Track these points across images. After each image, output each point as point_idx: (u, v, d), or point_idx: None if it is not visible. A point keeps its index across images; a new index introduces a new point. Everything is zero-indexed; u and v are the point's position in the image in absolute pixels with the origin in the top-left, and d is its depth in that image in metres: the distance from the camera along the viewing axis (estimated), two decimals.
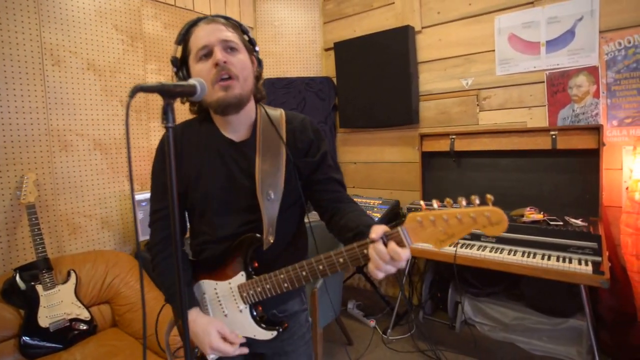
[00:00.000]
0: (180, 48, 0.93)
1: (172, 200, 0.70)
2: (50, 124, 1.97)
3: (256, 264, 0.95)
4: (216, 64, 0.85)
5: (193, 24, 0.91)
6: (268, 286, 0.90)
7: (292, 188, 0.96)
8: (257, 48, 0.99)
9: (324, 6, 3.13)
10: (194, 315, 0.94)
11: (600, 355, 1.85)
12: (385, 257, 0.72)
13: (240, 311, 0.94)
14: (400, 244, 0.72)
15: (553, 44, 2.17)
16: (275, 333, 0.94)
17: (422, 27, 2.63)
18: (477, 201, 0.68)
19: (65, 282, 1.79)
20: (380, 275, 0.74)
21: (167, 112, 0.68)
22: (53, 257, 1.85)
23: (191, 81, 0.74)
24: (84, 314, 1.79)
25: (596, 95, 2.08)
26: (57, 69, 1.99)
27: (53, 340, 1.67)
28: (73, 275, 1.83)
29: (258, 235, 0.92)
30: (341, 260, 0.79)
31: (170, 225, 1.01)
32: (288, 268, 0.87)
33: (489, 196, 0.67)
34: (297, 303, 1.07)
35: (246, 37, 0.97)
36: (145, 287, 1.98)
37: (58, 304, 1.72)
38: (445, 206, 0.70)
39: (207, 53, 0.87)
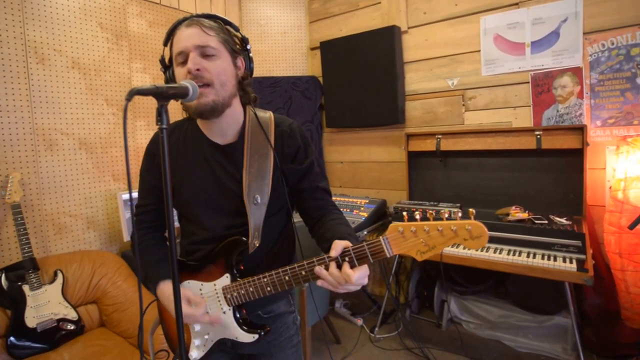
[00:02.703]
0: (167, 48, 0.93)
1: (167, 199, 0.72)
2: (35, 122, 1.95)
3: (242, 267, 0.95)
4: (188, 72, 0.85)
5: (176, 25, 0.90)
6: (251, 289, 0.90)
7: (280, 194, 0.97)
8: (248, 47, 0.97)
9: (310, 5, 3.12)
10: (164, 290, 0.96)
11: (584, 352, 1.87)
12: (340, 281, 0.77)
13: (224, 312, 0.95)
14: (381, 254, 0.75)
15: (538, 45, 2.19)
16: (256, 336, 0.94)
17: (409, 27, 2.63)
18: (460, 214, 0.70)
19: (52, 282, 1.79)
20: (338, 291, 0.79)
21: (161, 114, 0.70)
22: (39, 257, 1.84)
23: (184, 83, 0.75)
24: (72, 314, 1.79)
25: (580, 95, 2.10)
26: (41, 67, 1.97)
27: (40, 341, 1.67)
28: (60, 275, 1.82)
29: (244, 238, 0.92)
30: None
31: (151, 220, 1.05)
32: (272, 272, 0.87)
33: (471, 210, 0.70)
34: (284, 304, 1.07)
35: (238, 35, 0.96)
36: (134, 286, 1.99)
37: (45, 304, 1.72)
38: (427, 218, 0.73)
39: (184, 59, 0.87)
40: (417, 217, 0.73)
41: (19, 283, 1.69)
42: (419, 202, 2.36)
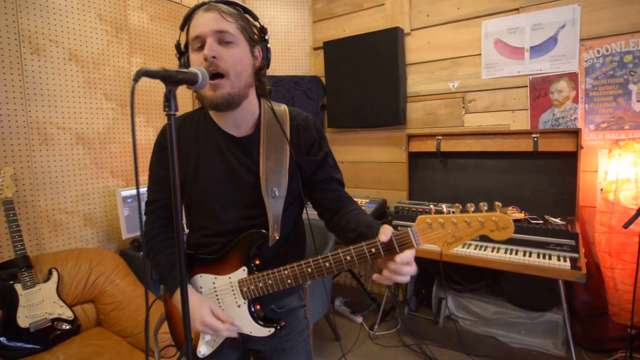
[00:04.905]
0: (183, 34, 0.90)
1: (175, 189, 0.69)
2: (29, 115, 1.88)
3: (257, 261, 0.94)
4: (205, 59, 0.82)
5: (194, 9, 0.87)
6: (270, 282, 0.88)
7: (295, 186, 0.96)
8: (266, 37, 0.95)
9: (314, 5, 3.12)
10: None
11: (574, 347, 1.95)
12: (400, 270, 0.75)
13: (239, 306, 0.93)
14: (409, 245, 0.75)
15: (536, 50, 2.26)
16: (272, 330, 0.92)
17: (412, 29, 2.67)
18: (486, 207, 0.72)
19: (46, 280, 1.73)
20: (402, 280, 0.76)
21: (169, 99, 0.67)
22: (33, 255, 1.78)
23: (193, 69, 0.73)
24: (67, 314, 1.74)
25: (575, 100, 2.18)
26: (36, 58, 1.90)
27: (33, 341, 1.61)
28: (55, 273, 1.76)
29: (264, 231, 0.91)
30: (348, 257, 0.80)
31: (166, 216, 1.02)
32: (293, 264, 0.86)
33: (497, 203, 0.72)
34: (296, 299, 1.07)
35: (257, 24, 0.94)
36: (132, 285, 1.94)
37: (39, 304, 1.66)
38: (453, 211, 0.75)
39: (200, 44, 0.84)
40: (444, 210, 0.76)
41: (11, 282, 1.63)
42: (418, 202, 2.40)
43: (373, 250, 0.77)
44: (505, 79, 2.37)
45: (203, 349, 0.96)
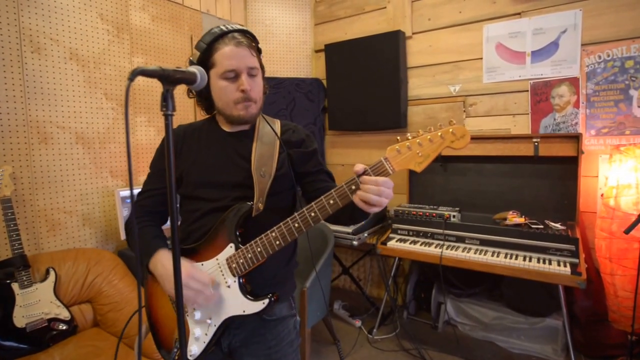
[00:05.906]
0: (198, 53, 0.97)
1: (170, 186, 0.70)
2: (29, 114, 1.87)
3: (241, 230, 0.96)
4: (242, 91, 0.96)
5: (219, 37, 0.96)
6: (259, 249, 0.90)
7: (285, 173, 1.02)
8: (261, 56, 1.07)
9: (316, 7, 3.13)
10: (161, 257, 0.95)
11: (573, 353, 1.94)
12: (376, 182, 0.79)
13: (229, 286, 0.93)
14: (384, 172, 0.82)
15: (538, 55, 2.26)
16: (266, 301, 0.93)
17: (413, 33, 2.67)
18: (440, 125, 0.81)
19: (43, 280, 1.72)
20: (380, 202, 0.80)
21: (166, 99, 0.67)
22: (30, 255, 1.77)
23: (191, 69, 0.74)
24: (64, 314, 1.72)
25: (576, 105, 2.18)
26: (36, 57, 1.89)
27: (29, 341, 1.60)
28: (52, 273, 1.75)
29: (249, 203, 0.95)
30: (331, 201, 0.85)
31: (152, 206, 1.07)
32: (280, 224, 0.89)
33: (451, 120, 0.82)
34: (286, 307, 1.07)
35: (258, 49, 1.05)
36: (130, 286, 1.93)
37: (35, 303, 1.65)
38: (416, 136, 0.83)
39: (234, 76, 0.96)
40: (409, 135, 0.82)
41: (8, 281, 1.62)
42: (419, 206, 2.40)
43: (353, 187, 0.83)
44: (506, 83, 2.37)
45: (194, 348, 0.94)
